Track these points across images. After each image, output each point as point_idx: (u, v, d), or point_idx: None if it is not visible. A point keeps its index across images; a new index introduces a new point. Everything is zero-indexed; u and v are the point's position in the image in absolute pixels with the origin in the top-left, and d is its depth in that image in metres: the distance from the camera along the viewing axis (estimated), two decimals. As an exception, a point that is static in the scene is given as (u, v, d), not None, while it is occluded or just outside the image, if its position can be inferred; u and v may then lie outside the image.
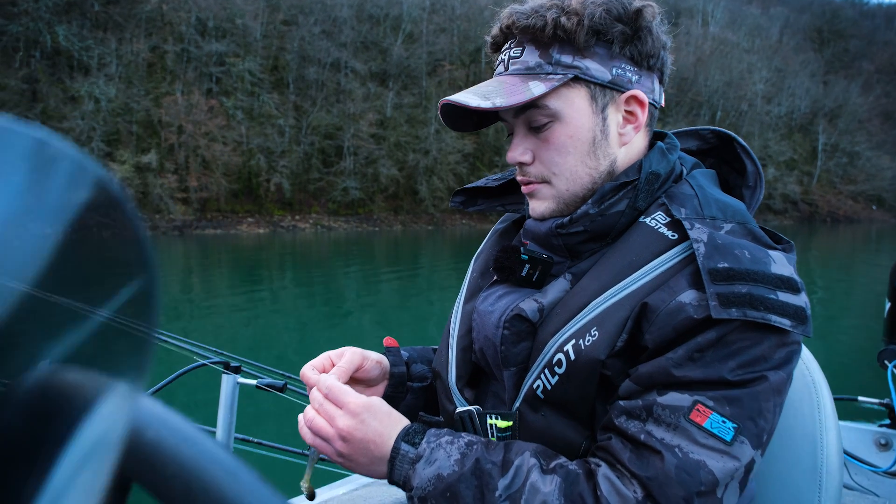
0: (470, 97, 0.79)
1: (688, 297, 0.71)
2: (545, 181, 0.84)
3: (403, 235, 33.58)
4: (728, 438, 0.67)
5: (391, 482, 0.77)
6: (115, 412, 0.21)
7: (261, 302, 12.77)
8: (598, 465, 0.71)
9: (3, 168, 0.20)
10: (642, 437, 0.69)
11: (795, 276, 0.72)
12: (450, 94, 0.84)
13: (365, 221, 37.43)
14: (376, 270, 18.33)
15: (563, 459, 0.74)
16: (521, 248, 0.86)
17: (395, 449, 0.76)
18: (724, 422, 0.68)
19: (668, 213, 0.79)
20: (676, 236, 0.76)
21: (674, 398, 0.69)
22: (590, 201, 0.81)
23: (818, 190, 57.54)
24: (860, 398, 2.49)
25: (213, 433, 1.78)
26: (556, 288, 0.83)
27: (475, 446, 0.75)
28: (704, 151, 0.96)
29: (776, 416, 0.71)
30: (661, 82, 0.86)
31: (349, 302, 12.93)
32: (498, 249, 0.88)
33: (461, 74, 45.16)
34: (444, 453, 0.74)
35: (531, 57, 0.80)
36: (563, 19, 0.77)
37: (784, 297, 0.70)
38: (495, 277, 0.91)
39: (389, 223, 38.13)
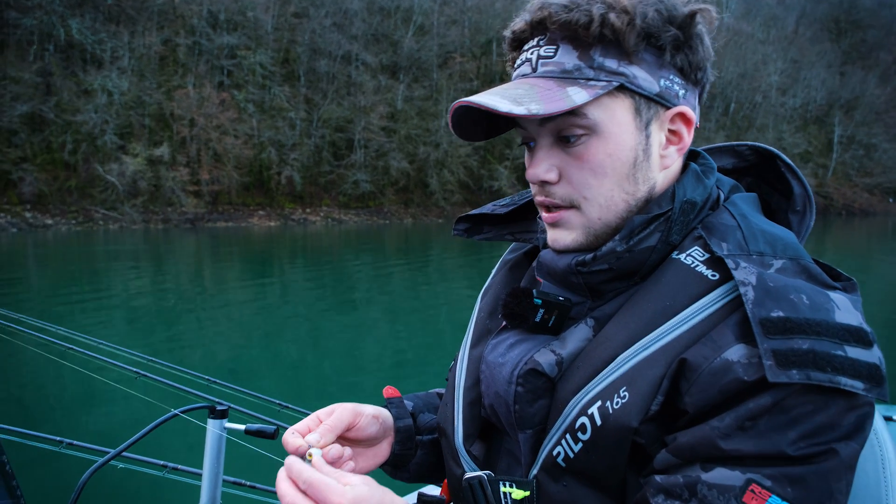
0: (497, 100, 0.66)
1: (736, 353, 0.59)
2: (573, 206, 0.71)
3: (414, 228, 33.58)
4: None
5: None
6: None
7: (271, 295, 12.83)
8: None
9: None
10: None
11: (865, 325, 0.59)
12: (461, 87, 0.65)
13: (375, 214, 37.47)
14: (387, 263, 18.34)
15: None
16: (534, 291, 0.73)
17: None
18: None
19: (707, 248, 0.67)
20: (717, 276, 0.64)
21: (722, 475, 0.57)
22: (617, 237, 0.70)
23: (833, 182, 56.75)
24: (895, 417, 2.30)
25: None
26: (577, 336, 0.71)
27: None
28: (741, 170, 0.83)
29: (847, 497, 0.59)
30: (699, 101, 0.74)
31: (359, 294, 12.95)
32: (507, 293, 0.75)
33: (472, 67, 44.89)
34: None
35: (568, 58, 0.68)
36: (612, 16, 0.65)
37: (853, 352, 0.57)
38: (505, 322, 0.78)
39: (400, 216, 38.14)
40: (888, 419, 2.29)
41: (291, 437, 0.72)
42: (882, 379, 0.58)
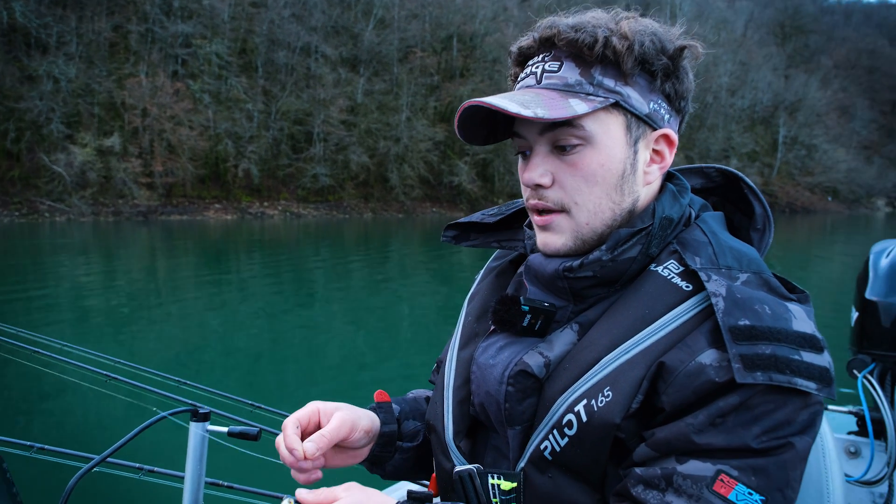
0: (507, 102, 0.72)
1: (708, 357, 0.67)
2: (564, 210, 0.77)
3: (374, 223, 33.51)
4: None
5: None
6: None
7: (228, 292, 12.71)
8: None
9: None
10: None
11: (817, 333, 0.69)
12: (421, 81, 0.75)
13: (335, 208, 37.17)
14: (346, 258, 18.34)
15: None
16: (521, 299, 0.79)
17: None
18: (750, 493, 0.64)
19: (682, 261, 0.75)
20: (691, 287, 0.72)
21: (695, 467, 0.65)
22: (603, 247, 0.76)
23: (778, 181, 59.16)
24: (829, 407, 2.50)
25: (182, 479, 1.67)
26: (563, 340, 0.77)
27: None
28: (708, 189, 0.91)
29: (800, 483, 0.68)
30: (679, 128, 0.82)
31: (318, 290, 12.97)
32: (496, 301, 0.81)
33: (433, 62, 44.87)
34: None
35: (571, 73, 0.75)
36: (614, 40, 0.73)
37: (808, 357, 0.66)
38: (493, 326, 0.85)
39: (359, 210, 37.93)
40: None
41: (292, 427, 0.80)
42: (831, 380, 0.66)
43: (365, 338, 9.11)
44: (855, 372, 2.26)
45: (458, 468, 0.78)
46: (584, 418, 0.70)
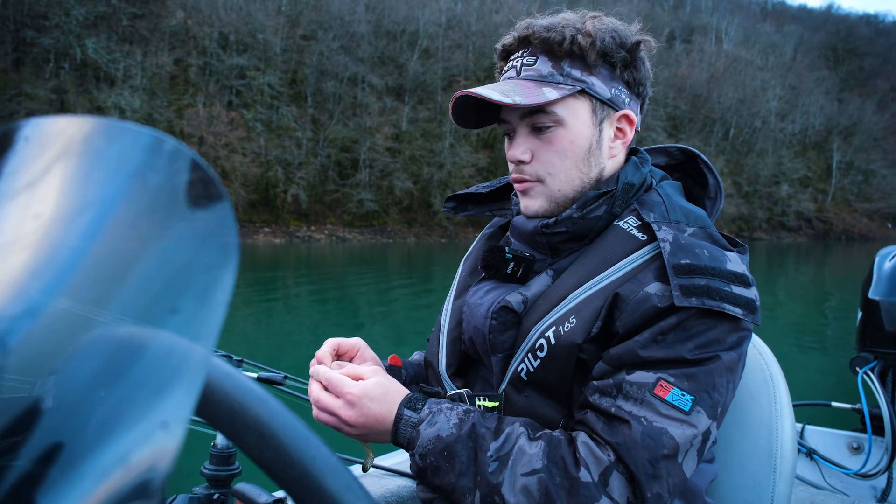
0: (490, 92, 0.84)
1: (653, 288, 0.79)
2: (539, 180, 0.90)
3: (417, 248, 33.98)
4: (686, 409, 0.75)
5: (395, 443, 0.82)
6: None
7: (275, 310, 13.19)
8: (578, 434, 0.79)
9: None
10: (613, 409, 0.76)
11: (748, 273, 0.81)
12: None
13: (379, 233, 37.90)
14: (390, 281, 18.73)
15: (547, 430, 0.82)
16: (506, 248, 0.92)
17: (399, 415, 0.81)
18: (683, 395, 0.75)
19: (639, 217, 0.87)
20: (646, 237, 0.85)
21: (640, 376, 0.77)
22: (574, 206, 0.89)
23: (832, 208, 57.16)
24: (833, 403, 2.57)
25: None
26: (539, 282, 0.90)
27: (472, 414, 0.82)
28: (672, 166, 1.04)
29: (729, 391, 0.80)
30: (641, 110, 0.95)
31: (362, 311, 13.32)
32: (485, 249, 0.96)
33: (476, 89, 45.60)
34: (444, 417, 0.80)
35: (544, 66, 0.87)
36: (579, 37, 0.85)
37: (737, 289, 0.78)
38: (483, 275, 0.97)
39: (403, 235, 38.54)
40: (823, 405, 2.57)
41: (330, 344, 0.96)
42: (756, 309, 0.79)
43: (407, 355, 9.32)
44: (857, 369, 2.31)
45: (450, 392, 0.92)
46: (553, 341, 0.82)
